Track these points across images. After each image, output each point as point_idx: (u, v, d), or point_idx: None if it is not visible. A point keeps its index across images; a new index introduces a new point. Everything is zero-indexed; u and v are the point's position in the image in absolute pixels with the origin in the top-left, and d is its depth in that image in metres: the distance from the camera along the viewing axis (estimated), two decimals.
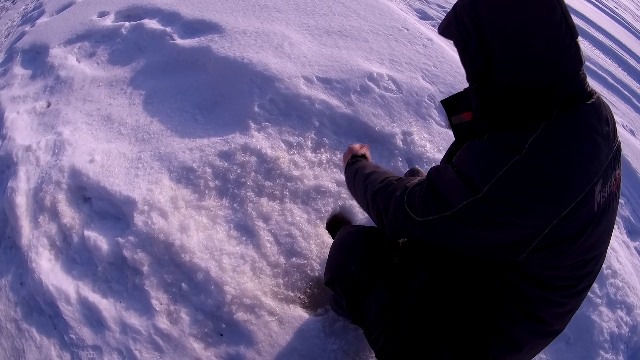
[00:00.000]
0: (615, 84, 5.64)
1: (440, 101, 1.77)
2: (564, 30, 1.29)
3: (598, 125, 1.34)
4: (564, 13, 1.30)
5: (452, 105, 1.73)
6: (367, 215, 2.90)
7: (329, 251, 2.21)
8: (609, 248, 1.67)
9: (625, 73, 6.07)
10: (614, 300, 2.82)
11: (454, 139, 2.00)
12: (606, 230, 1.48)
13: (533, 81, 1.31)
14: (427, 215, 1.44)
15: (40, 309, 2.70)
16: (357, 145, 2.25)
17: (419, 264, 1.76)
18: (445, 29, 1.51)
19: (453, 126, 1.75)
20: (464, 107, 1.67)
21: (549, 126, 1.30)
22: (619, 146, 1.47)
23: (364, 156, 2.17)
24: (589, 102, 1.37)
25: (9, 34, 6.10)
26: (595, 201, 1.33)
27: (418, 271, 1.74)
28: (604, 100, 1.47)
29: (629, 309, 2.81)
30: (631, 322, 2.78)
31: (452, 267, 1.62)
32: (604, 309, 2.77)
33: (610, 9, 8.09)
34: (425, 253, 1.76)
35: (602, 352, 2.63)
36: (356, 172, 1.97)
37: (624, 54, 6.50)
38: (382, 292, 1.84)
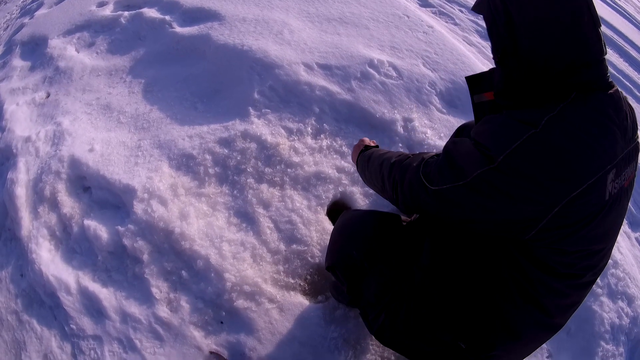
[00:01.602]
0: (617, 74, 5.60)
1: (465, 77, 1.77)
2: (586, 18, 1.31)
3: (615, 116, 1.36)
4: (588, 2, 1.33)
5: (475, 83, 1.73)
6: (368, 202, 2.89)
7: (330, 236, 2.19)
8: None
9: (627, 64, 6.03)
10: (615, 290, 2.80)
11: (455, 126, 1.98)
12: (615, 223, 1.49)
13: (552, 61, 1.33)
14: (441, 184, 1.45)
15: (41, 300, 2.70)
16: (367, 139, 2.26)
17: (426, 240, 1.76)
18: (477, 6, 1.53)
19: (474, 104, 1.75)
20: (487, 86, 1.67)
21: (566, 107, 1.32)
22: (637, 145, 1.48)
23: (376, 147, 2.16)
24: (608, 92, 1.39)
25: (7, 26, 6.07)
26: (607, 189, 1.34)
27: (425, 247, 1.74)
28: (628, 99, 1.50)
29: (629, 300, 2.79)
30: (632, 314, 2.76)
31: (460, 246, 1.62)
32: (605, 299, 2.75)
33: (612, 0, 8.04)
34: (433, 231, 1.76)
35: (602, 343, 2.62)
36: (370, 156, 1.98)
37: (625, 44, 6.46)
38: (384, 271, 1.83)
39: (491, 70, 1.62)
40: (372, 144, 2.20)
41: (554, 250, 1.39)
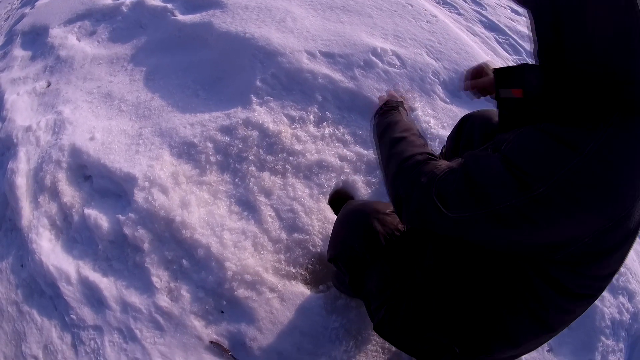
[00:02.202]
0: None
1: (493, 69, 1.61)
2: (637, 32, 1.16)
3: None
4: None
5: (503, 77, 1.56)
6: (370, 190, 2.87)
7: (332, 227, 2.17)
8: None
9: None
10: (615, 285, 2.77)
11: (458, 116, 1.93)
12: (631, 246, 1.42)
13: (599, 73, 1.20)
14: (460, 210, 1.30)
15: (41, 290, 2.70)
16: (393, 91, 2.06)
17: (431, 242, 1.70)
18: None
19: (499, 99, 1.58)
20: (516, 82, 1.49)
21: (611, 133, 1.17)
22: None
23: (400, 104, 1.96)
24: None
25: (8, 17, 6.05)
26: (633, 219, 1.27)
27: (429, 248, 1.68)
28: None
29: (630, 296, 2.76)
30: (632, 309, 2.73)
31: (468, 252, 1.53)
32: (605, 294, 2.72)
33: None
34: (437, 235, 1.68)
35: (603, 338, 2.60)
36: (384, 129, 1.79)
37: None
38: (386, 265, 1.80)
39: (522, 65, 1.51)
40: (397, 99, 1.98)
41: (572, 272, 1.34)
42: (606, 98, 1.19)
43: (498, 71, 1.56)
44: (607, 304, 2.67)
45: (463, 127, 2.42)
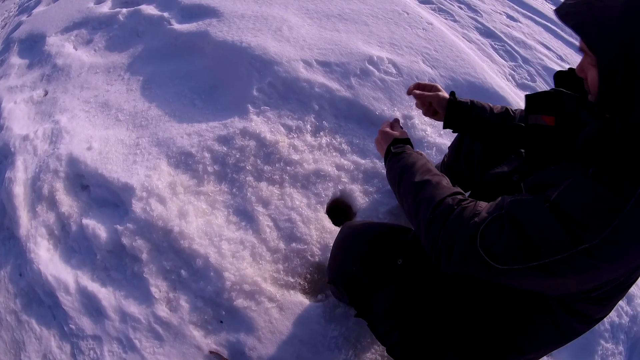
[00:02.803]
0: None
1: (525, 95, 1.53)
2: None
3: None
4: None
5: (534, 103, 1.50)
6: (367, 200, 2.88)
7: (331, 248, 2.20)
8: None
9: None
10: None
11: None
12: None
13: None
14: (510, 264, 1.23)
15: (40, 299, 2.69)
16: (388, 124, 1.93)
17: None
18: (593, 38, 1.15)
19: (527, 125, 1.52)
20: (548, 109, 1.45)
21: None
22: None
23: (407, 140, 1.84)
24: None
25: (5, 24, 6.07)
26: None
27: (445, 276, 1.67)
28: None
29: (629, 299, 2.78)
30: (631, 312, 2.75)
31: (484, 282, 1.46)
32: None
33: None
34: None
35: (602, 342, 2.61)
36: (401, 174, 1.66)
37: None
38: (395, 288, 1.81)
39: (557, 92, 1.44)
40: (400, 136, 1.85)
41: (598, 305, 1.35)
42: None
43: (529, 96, 1.50)
44: None
45: (464, 136, 2.42)
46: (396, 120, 1.95)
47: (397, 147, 1.79)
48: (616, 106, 1.14)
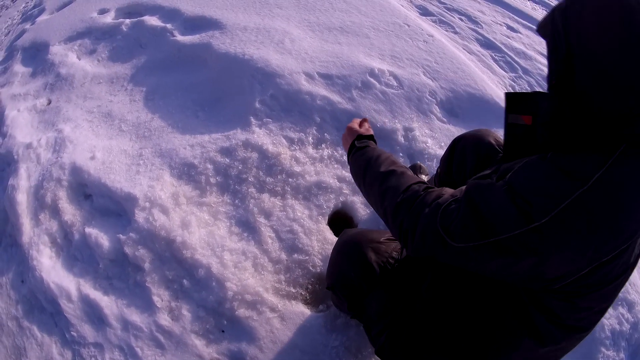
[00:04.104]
0: None
1: (505, 93, 1.60)
2: None
3: None
4: None
5: (514, 102, 1.56)
6: (369, 211, 2.90)
7: (331, 251, 2.21)
8: None
9: None
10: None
11: (454, 135, 1.95)
12: (628, 279, 1.41)
13: (608, 106, 1.18)
14: (465, 241, 1.28)
15: (42, 306, 2.70)
16: (357, 122, 2.07)
17: (431, 269, 1.71)
18: (541, 28, 1.36)
19: (507, 125, 1.57)
20: (526, 109, 1.50)
21: (616, 164, 1.17)
22: None
23: (371, 137, 1.97)
24: None
25: (9, 32, 6.09)
26: (634, 252, 1.28)
27: (429, 277, 1.70)
28: None
29: (630, 306, 2.79)
30: (632, 319, 2.76)
31: (468, 280, 1.53)
32: None
33: None
34: (436, 263, 1.69)
35: (603, 349, 2.62)
36: (367, 166, 1.76)
37: None
38: (384, 292, 1.84)
39: (534, 93, 1.48)
40: (367, 132, 1.99)
41: (566, 302, 1.35)
42: (614, 130, 1.19)
43: (509, 95, 1.56)
44: (607, 315, 2.69)
45: (455, 149, 2.43)
46: (364, 120, 2.05)
47: (361, 142, 1.91)
48: (562, 83, 1.25)
